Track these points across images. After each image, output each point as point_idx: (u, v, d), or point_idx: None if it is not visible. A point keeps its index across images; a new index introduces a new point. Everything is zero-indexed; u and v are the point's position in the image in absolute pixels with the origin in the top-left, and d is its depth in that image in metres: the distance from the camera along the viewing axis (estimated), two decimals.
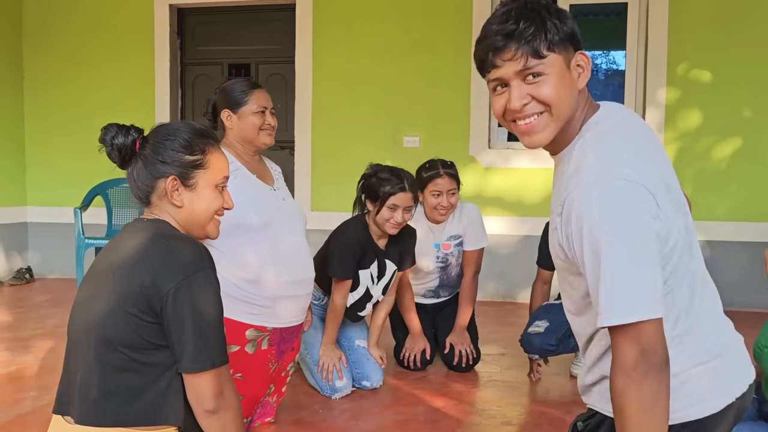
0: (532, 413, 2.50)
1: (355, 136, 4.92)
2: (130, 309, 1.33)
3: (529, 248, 4.68)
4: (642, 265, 1.07)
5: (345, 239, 2.58)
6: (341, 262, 2.55)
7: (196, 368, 1.34)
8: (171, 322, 1.33)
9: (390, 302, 2.88)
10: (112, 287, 1.36)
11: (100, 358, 1.34)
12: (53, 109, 5.41)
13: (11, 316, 4.04)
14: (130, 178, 1.49)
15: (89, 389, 1.34)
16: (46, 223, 5.44)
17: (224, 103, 2.22)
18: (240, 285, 2.06)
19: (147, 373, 1.35)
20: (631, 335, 1.07)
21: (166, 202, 1.47)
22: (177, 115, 5.28)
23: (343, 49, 4.94)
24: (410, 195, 2.59)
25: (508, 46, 1.15)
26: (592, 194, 1.09)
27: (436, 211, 2.97)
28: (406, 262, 2.83)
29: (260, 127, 2.20)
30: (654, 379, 1.06)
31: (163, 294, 1.32)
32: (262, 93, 2.25)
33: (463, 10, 4.76)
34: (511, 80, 1.17)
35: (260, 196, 2.15)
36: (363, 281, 2.68)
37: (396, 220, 2.57)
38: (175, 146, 1.46)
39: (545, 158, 5.04)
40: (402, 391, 2.73)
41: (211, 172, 1.49)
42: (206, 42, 5.34)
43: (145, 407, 1.34)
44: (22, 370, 2.91)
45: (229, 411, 1.38)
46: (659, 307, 1.07)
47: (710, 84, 4.49)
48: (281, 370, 2.28)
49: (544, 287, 2.95)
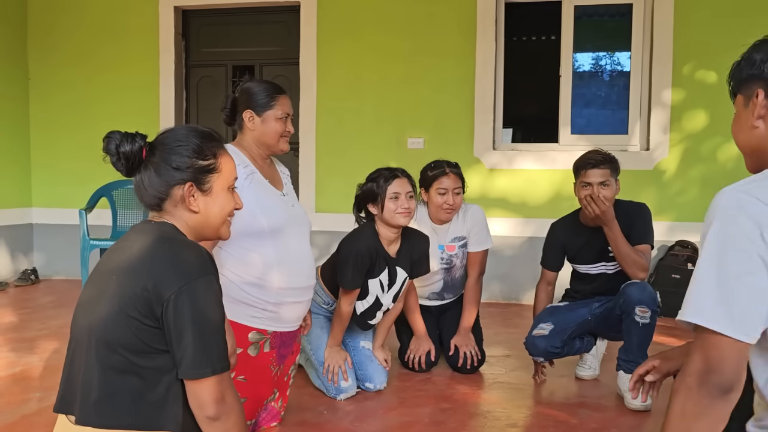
0: (537, 415, 2.49)
1: (359, 137, 4.93)
2: (131, 312, 1.32)
3: (533, 250, 4.68)
4: (739, 280, 1.05)
5: (355, 249, 2.54)
6: (350, 273, 2.53)
7: (196, 374, 1.33)
8: (171, 327, 1.32)
9: (399, 308, 2.86)
10: (115, 289, 1.36)
11: (101, 359, 1.34)
12: (58, 110, 5.43)
13: (16, 317, 4.05)
14: (139, 186, 1.46)
15: (90, 390, 1.34)
16: (52, 224, 5.46)
17: (248, 103, 2.19)
18: (244, 288, 2.07)
19: (146, 377, 1.34)
20: (703, 343, 1.06)
21: (182, 209, 1.47)
22: (182, 116, 5.30)
23: (348, 50, 4.94)
24: (406, 180, 2.60)
25: None
26: None
27: (441, 210, 2.95)
28: (419, 269, 2.78)
29: (281, 134, 2.20)
30: (705, 398, 1.05)
31: (164, 299, 1.32)
32: (287, 99, 2.24)
33: (468, 13, 4.76)
34: None
35: (272, 202, 2.15)
36: (372, 290, 2.65)
37: (403, 206, 2.55)
38: (187, 152, 1.45)
39: (549, 160, 5.07)
40: (407, 392, 2.72)
41: (224, 175, 1.50)
42: (211, 44, 5.35)
43: (144, 411, 1.34)
44: (27, 371, 2.92)
45: (231, 417, 1.38)
46: (741, 328, 1.03)
47: (716, 84, 4.47)
48: (284, 374, 2.28)
49: (549, 288, 2.93)
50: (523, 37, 7.37)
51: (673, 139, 4.54)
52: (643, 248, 2.65)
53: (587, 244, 2.79)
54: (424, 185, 3.00)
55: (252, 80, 2.25)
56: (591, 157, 2.68)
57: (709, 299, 1.06)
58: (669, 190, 4.56)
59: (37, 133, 5.48)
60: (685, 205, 4.55)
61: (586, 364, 2.93)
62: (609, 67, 7.42)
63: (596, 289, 2.83)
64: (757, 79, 1.19)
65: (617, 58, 7.18)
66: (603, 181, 2.63)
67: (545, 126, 5.44)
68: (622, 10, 4.93)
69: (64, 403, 1.40)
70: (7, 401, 2.53)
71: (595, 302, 2.80)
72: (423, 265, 2.79)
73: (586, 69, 7.29)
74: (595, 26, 5.98)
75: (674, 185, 4.57)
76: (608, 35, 6.41)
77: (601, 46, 6.96)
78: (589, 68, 7.37)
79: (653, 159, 4.57)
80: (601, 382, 2.87)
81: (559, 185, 4.67)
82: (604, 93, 7.17)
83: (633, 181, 4.36)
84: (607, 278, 2.79)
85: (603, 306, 2.76)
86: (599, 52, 7.29)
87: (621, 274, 2.70)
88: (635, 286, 2.56)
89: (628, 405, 2.52)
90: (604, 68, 7.45)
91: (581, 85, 6.92)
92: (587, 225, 2.78)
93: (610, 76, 7.38)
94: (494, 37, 4.74)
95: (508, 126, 5.12)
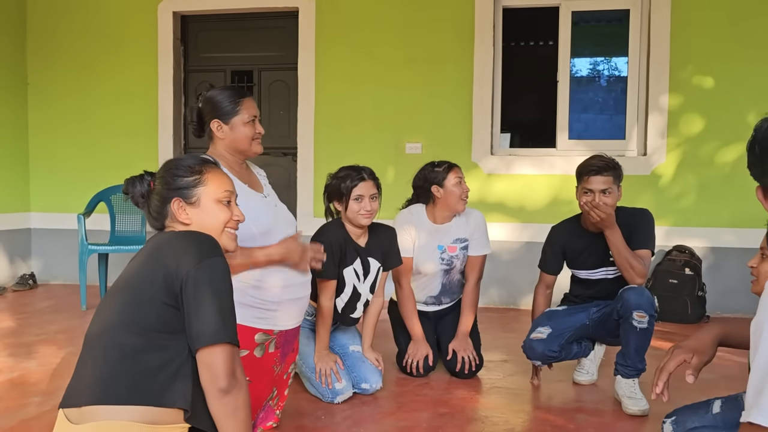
0: (535, 420, 2.50)
1: (357, 142, 4.94)
2: (151, 292, 1.43)
3: (531, 254, 4.68)
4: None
5: (324, 239, 2.60)
6: (323, 261, 2.57)
7: (214, 339, 1.40)
8: (191, 300, 1.42)
9: (379, 303, 2.88)
10: (134, 281, 1.47)
11: (116, 341, 1.41)
12: (57, 116, 5.44)
13: (14, 321, 4.05)
14: (147, 213, 1.67)
15: (101, 372, 1.40)
16: (50, 229, 5.46)
17: (213, 113, 2.19)
18: (246, 291, 2.09)
19: (159, 357, 1.41)
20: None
21: (177, 222, 1.62)
22: (180, 121, 5.31)
23: (346, 55, 4.95)
24: (371, 183, 2.67)
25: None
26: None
27: (461, 200, 2.99)
28: (391, 261, 2.85)
29: (252, 137, 2.20)
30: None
31: (182, 275, 1.42)
32: (251, 101, 2.23)
33: (465, 18, 4.78)
34: None
35: (257, 206, 2.16)
36: (348, 279, 2.70)
37: (365, 208, 2.63)
38: (178, 173, 1.63)
39: (547, 164, 5.08)
40: (404, 397, 2.72)
41: (210, 188, 1.63)
42: (209, 49, 5.37)
43: (155, 388, 1.39)
44: (25, 376, 2.92)
45: (241, 394, 1.44)
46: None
47: (713, 89, 4.50)
48: (283, 372, 2.30)
49: (547, 292, 2.93)
50: (521, 42, 7.40)
51: (670, 144, 4.56)
52: (643, 253, 2.64)
53: (588, 249, 2.78)
54: (435, 182, 2.99)
55: (213, 89, 2.24)
56: (594, 164, 2.63)
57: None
58: (666, 194, 4.58)
59: (35, 137, 5.48)
60: (682, 210, 4.56)
61: (583, 369, 2.93)
62: (606, 73, 7.45)
63: (596, 294, 2.83)
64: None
65: (614, 64, 7.22)
66: (605, 189, 2.60)
67: (543, 131, 5.46)
68: (619, 15, 4.95)
69: (70, 398, 1.43)
70: (5, 406, 2.52)
71: (594, 307, 2.80)
72: (395, 254, 2.86)
73: (583, 74, 7.33)
74: (593, 31, 6.01)
75: (671, 190, 4.58)
76: (605, 40, 6.44)
77: (598, 51, 7.00)
78: (586, 73, 7.40)
79: (650, 164, 4.58)
80: (599, 387, 2.88)
81: (556, 190, 4.68)
82: (601, 98, 7.20)
83: (630, 186, 4.35)
84: (607, 283, 2.79)
85: (601, 311, 2.76)
86: (596, 58, 7.32)
87: (621, 279, 2.69)
88: (633, 290, 2.55)
89: (626, 410, 2.53)
90: (602, 73, 7.48)
91: (579, 90, 6.95)
92: (589, 230, 2.77)
93: (607, 81, 7.41)
94: (492, 43, 4.76)
95: (505, 131, 5.14)
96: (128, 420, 1.36)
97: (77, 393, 1.41)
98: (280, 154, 5.18)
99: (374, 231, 2.80)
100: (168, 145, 5.20)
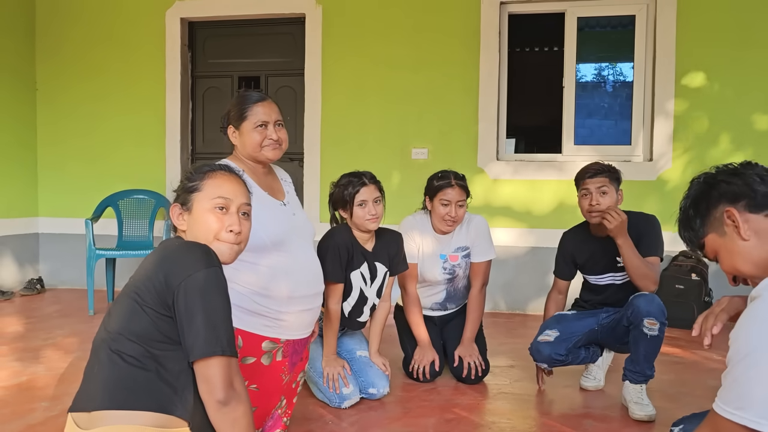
0: (541, 426, 2.49)
1: (364, 147, 4.95)
2: (147, 303, 1.42)
3: (537, 259, 4.69)
4: None
5: (332, 243, 2.63)
6: (330, 264, 2.58)
7: (205, 352, 1.39)
8: (182, 313, 1.40)
9: (385, 308, 2.89)
10: (133, 290, 1.46)
11: (119, 349, 1.41)
12: (65, 121, 5.48)
13: (22, 326, 4.07)
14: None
15: (106, 378, 1.40)
16: (58, 233, 5.49)
17: (228, 119, 2.21)
18: (254, 299, 2.08)
19: (160, 366, 1.41)
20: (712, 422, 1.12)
21: (178, 229, 1.63)
22: (188, 127, 5.33)
23: (353, 61, 4.98)
24: (373, 186, 2.68)
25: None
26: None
27: (443, 221, 2.98)
28: (397, 266, 2.86)
29: (260, 143, 2.16)
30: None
31: (174, 287, 1.40)
32: (263, 107, 2.17)
33: (471, 25, 4.80)
34: None
35: (271, 214, 2.14)
36: (356, 283, 2.71)
37: (370, 213, 2.64)
38: (185, 178, 1.65)
39: (553, 170, 5.07)
40: (411, 403, 2.72)
41: (203, 193, 1.59)
42: (217, 55, 5.40)
43: (157, 396, 1.39)
44: (32, 381, 2.93)
45: (240, 405, 1.43)
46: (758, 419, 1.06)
47: (719, 94, 4.49)
48: (292, 381, 2.29)
49: (559, 297, 2.95)
50: (527, 48, 7.42)
51: (676, 149, 4.55)
52: (652, 260, 2.66)
53: (596, 255, 2.81)
54: (428, 194, 3.02)
55: (237, 95, 2.23)
56: (588, 168, 2.75)
57: None
58: (673, 200, 4.54)
59: (44, 142, 5.52)
60: None
61: (591, 375, 2.93)
62: (612, 78, 7.45)
63: (605, 300, 2.84)
64: (713, 208, 1.29)
65: (620, 69, 7.22)
66: (600, 186, 2.67)
67: (548, 136, 5.47)
68: (624, 21, 4.96)
69: (79, 402, 1.44)
70: (12, 411, 2.53)
71: (603, 313, 2.81)
72: (401, 259, 2.87)
73: (589, 80, 7.33)
74: (598, 37, 6.02)
75: (678, 195, 4.49)
76: (611, 46, 6.44)
77: (604, 56, 7.00)
78: (592, 79, 7.40)
79: (657, 169, 4.58)
80: (606, 393, 2.87)
81: (562, 195, 4.68)
82: (607, 103, 7.20)
83: (636, 192, 4.37)
84: (615, 289, 2.80)
85: (610, 317, 2.76)
86: (602, 63, 7.32)
87: (629, 285, 2.70)
88: (644, 297, 2.55)
89: (632, 415, 2.52)
90: (607, 79, 7.48)
91: (584, 96, 6.95)
92: (597, 235, 2.80)
93: (613, 86, 7.40)
94: (498, 49, 4.78)
95: (511, 136, 5.14)
96: (137, 424, 1.36)
97: (86, 397, 1.43)
98: (286, 159, 5.20)
99: (381, 236, 2.82)
100: (175, 150, 5.23)
